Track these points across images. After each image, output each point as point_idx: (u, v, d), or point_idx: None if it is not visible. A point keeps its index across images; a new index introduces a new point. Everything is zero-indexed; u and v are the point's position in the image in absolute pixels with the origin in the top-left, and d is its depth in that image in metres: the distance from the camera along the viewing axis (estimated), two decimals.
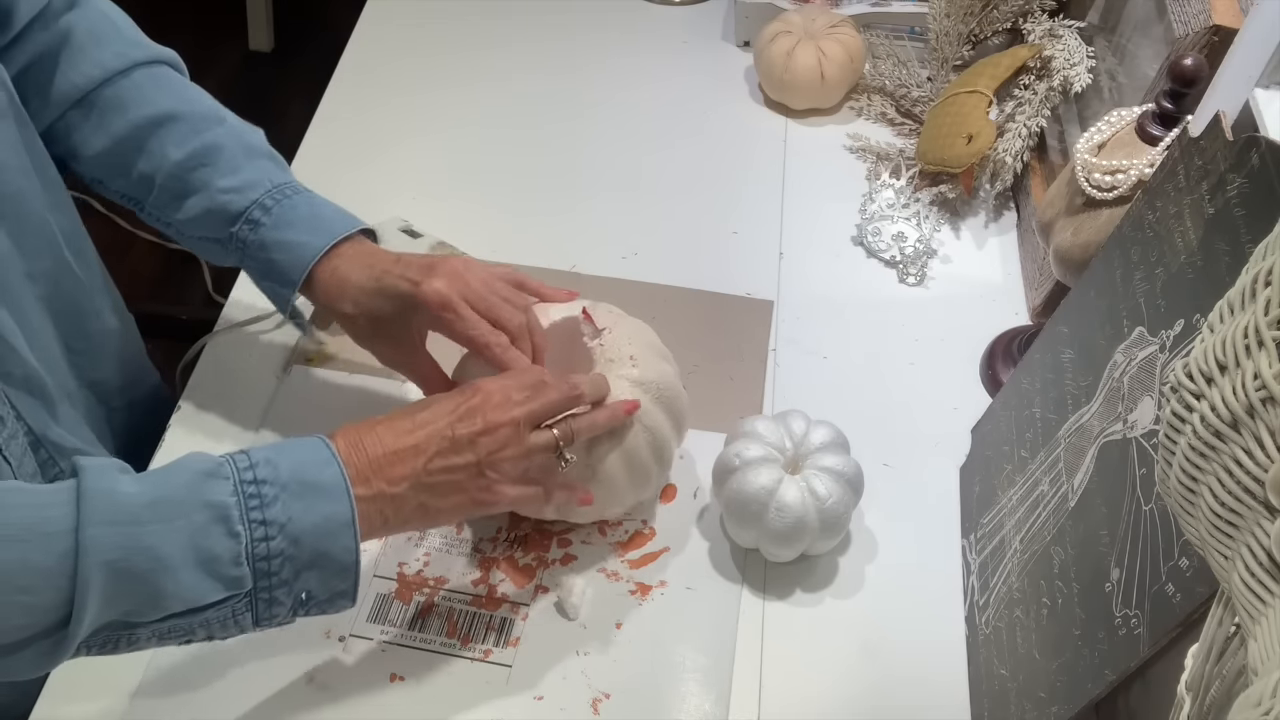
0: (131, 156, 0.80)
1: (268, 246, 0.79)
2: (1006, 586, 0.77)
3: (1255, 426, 0.41)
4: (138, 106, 0.80)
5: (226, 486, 0.61)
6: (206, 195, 0.79)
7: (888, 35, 1.24)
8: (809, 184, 1.13)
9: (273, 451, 0.64)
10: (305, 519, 0.62)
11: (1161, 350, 0.65)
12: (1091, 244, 0.80)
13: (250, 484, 0.61)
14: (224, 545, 0.60)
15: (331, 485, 0.64)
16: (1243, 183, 0.60)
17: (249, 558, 0.61)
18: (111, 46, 0.80)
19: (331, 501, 0.63)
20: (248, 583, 0.61)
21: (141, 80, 0.81)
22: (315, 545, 0.63)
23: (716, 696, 0.77)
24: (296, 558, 0.62)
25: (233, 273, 1.02)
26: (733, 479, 0.80)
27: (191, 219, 0.80)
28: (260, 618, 0.63)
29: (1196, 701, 0.47)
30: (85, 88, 0.79)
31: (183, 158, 0.79)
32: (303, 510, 0.62)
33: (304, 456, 0.64)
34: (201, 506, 0.60)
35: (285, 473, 0.63)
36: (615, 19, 1.31)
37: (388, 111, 1.18)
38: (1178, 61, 0.76)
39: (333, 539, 0.63)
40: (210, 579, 0.60)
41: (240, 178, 0.80)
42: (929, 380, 0.96)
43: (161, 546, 0.58)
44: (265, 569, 0.61)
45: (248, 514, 0.61)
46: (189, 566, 0.59)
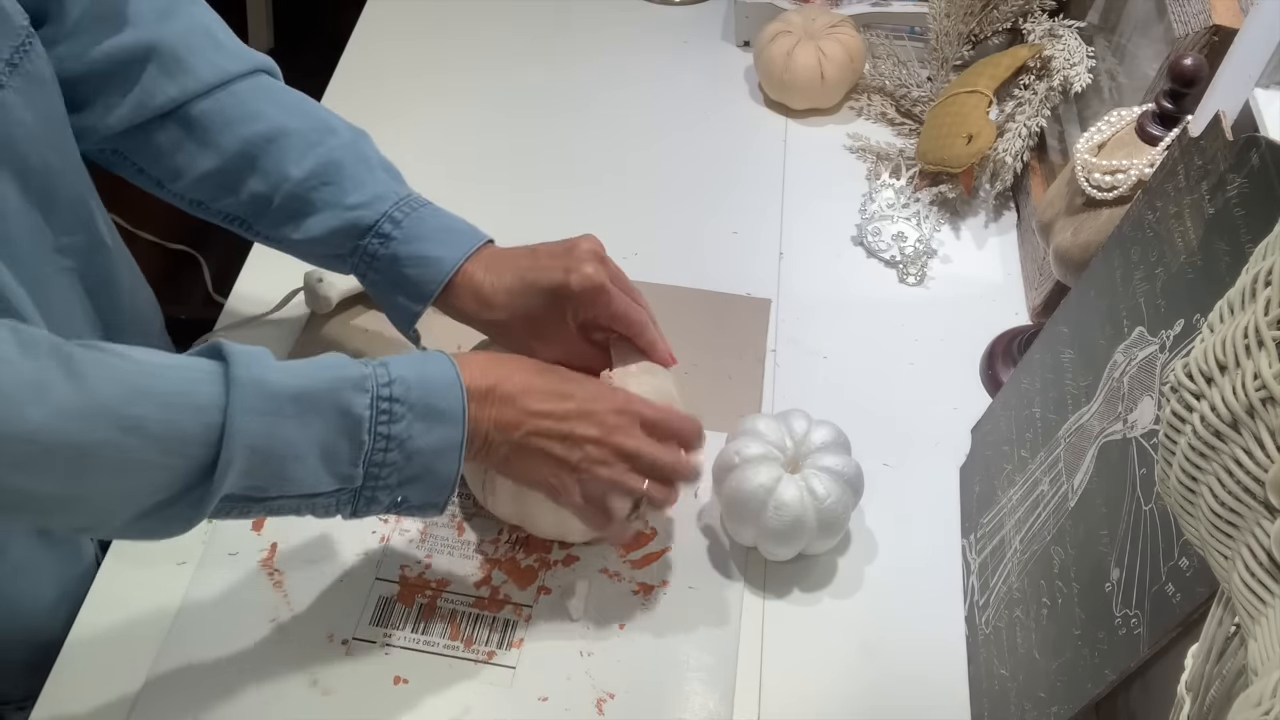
0: (243, 175, 0.78)
1: (400, 260, 0.79)
2: (1006, 586, 0.77)
3: (1255, 426, 0.42)
4: (245, 122, 0.78)
5: (365, 400, 0.65)
6: (333, 213, 0.78)
7: (888, 35, 1.24)
8: (809, 184, 1.13)
9: (408, 369, 0.67)
10: (423, 439, 0.67)
11: (1161, 350, 0.65)
12: (1091, 244, 0.81)
13: (385, 400, 0.65)
14: (348, 448, 0.65)
15: (452, 413, 0.68)
16: (1243, 183, 0.60)
17: (365, 462, 0.65)
18: (207, 58, 0.78)
19: (448, 427, 0.67)
20: (358, 481, 0.66)
21: (244, 93, 0.79)
22: (425, 463, 0.67)
23: (720, 695, 0.77)
24: (405, 470, 0.67)
25: (233, 273, 1.03)
26: (732, 476, 0.80)
27: (315, 238, 0.79)
28: (358, 510, 0.67)
29: (1196, 701, 0.47)
30: (181, 99, 0.77)
31: (303, 175, 0.78)
32: (423, 431, 0.67)
33: (435, 380, 0.68)
34: (340, 412, 0.64)
35: (416, 394, 0.66)
36: (615, 19, 1.31)
37: (387, 111, 1.18)
38: (1178, 61, 0.76)
39: (440, 460, 0.68)
40: (328, 473, 0.65)
41: (366, 193, 0.79)
42: (929, 380, 0.96)
43: (297, 440, 0.63)
44: (376, 474, 0.66)
45: (376, 426, 0.65)
46: (314, 459, 0.64)
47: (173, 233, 1.99)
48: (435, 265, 0.79)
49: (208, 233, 1.94)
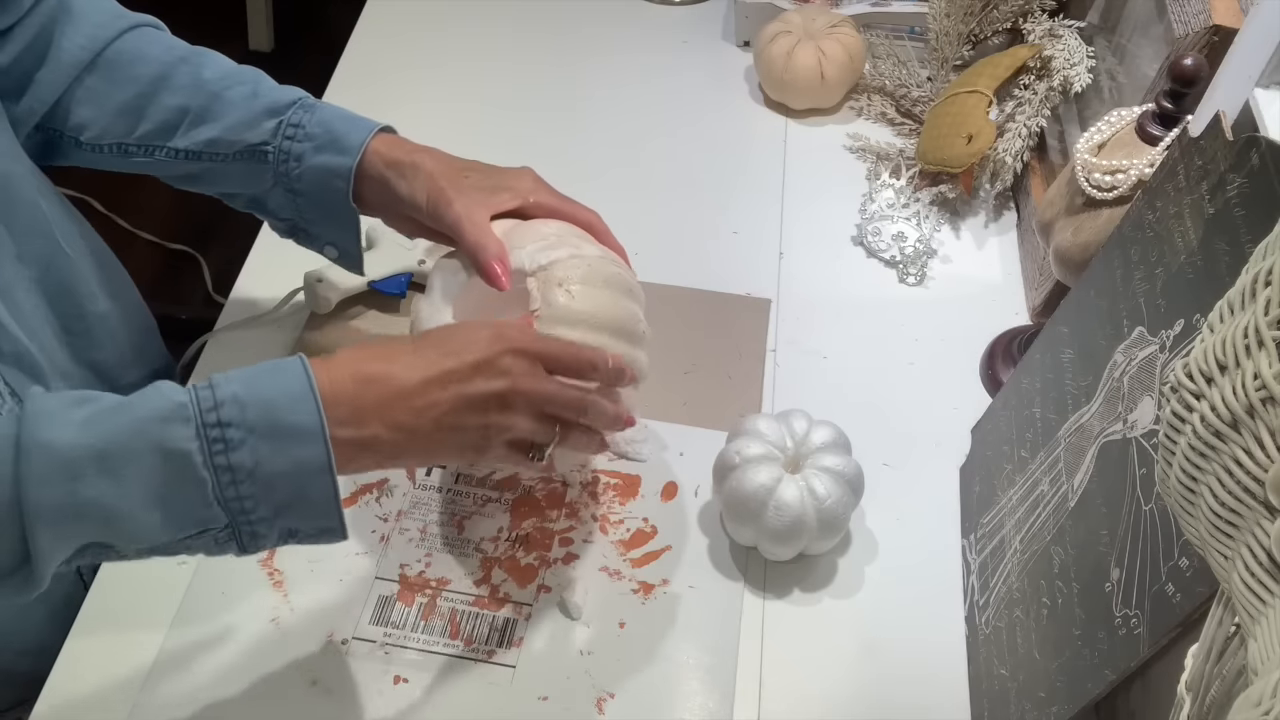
0: (158, 96, 0.79)
1: (327, 121, 0.78)
2: (1006, 586, 0.77)
3: (1255, 426, 0.42)
4: (159, 52, 0.80)
5: (187, 430, 0.58)
6: (251, 102, 0.79)
7: (888, 35, 1.24)
8: (809, 184, 1.13)
9: (242, 385, 0.59)
10: (275, 463, 0.59)
11: (1161, 350, 0.65)
12: (1091, 244, 0.81)
13: (215, 426, 0.58)
14: (188, 491, 0.58)
15: (304, 429, 0.59)
16: (1243, 183, 0.60)
17: (218, 499, 0.59)
18: (106, 9, 0.81)
19: (304, 446, 0.59)
20: (221, 520, 0.59)
21: (149, 34, 0.82)
22: (290, 488, 0.60)
23: (721, 695, 0.77)
24: (271, 498, 0.60)
25: (233, 273, 1.03)
26: (732, 476, 0.80)
27: (234, 124, 0.79)
28: (246, 547, 0.61)
29: (1196, 701, 0.47)
30: (95, 49, 0.79)
31: (219, 76, 0.80)
32: (271, 454, 0.59)
33: (277, 392, 0.60)
34: (156, 453, 0.57)
35: (253, 412, 0.59)
36: (615, 19, 1.31)
37: (387, 111, 1.17)
38: (1178, 61, 0.76)
39: (308, 482, 0.60)
40: (178, 519, 0.58)
41: (274, 88, 0.81)
42: (929, 380, 0.96)
43: (110, 500, 0.57)
44: (239, 508, 0.59)
45: (212, 459, 0.58)
46: (149, 510, 0.57)
47: (173, 233, 1.99)
48: (361, 121, 0.79)
49: (208, 233, 1.95)
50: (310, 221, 0.82)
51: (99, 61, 0.79)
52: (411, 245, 0.99)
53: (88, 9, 0.79)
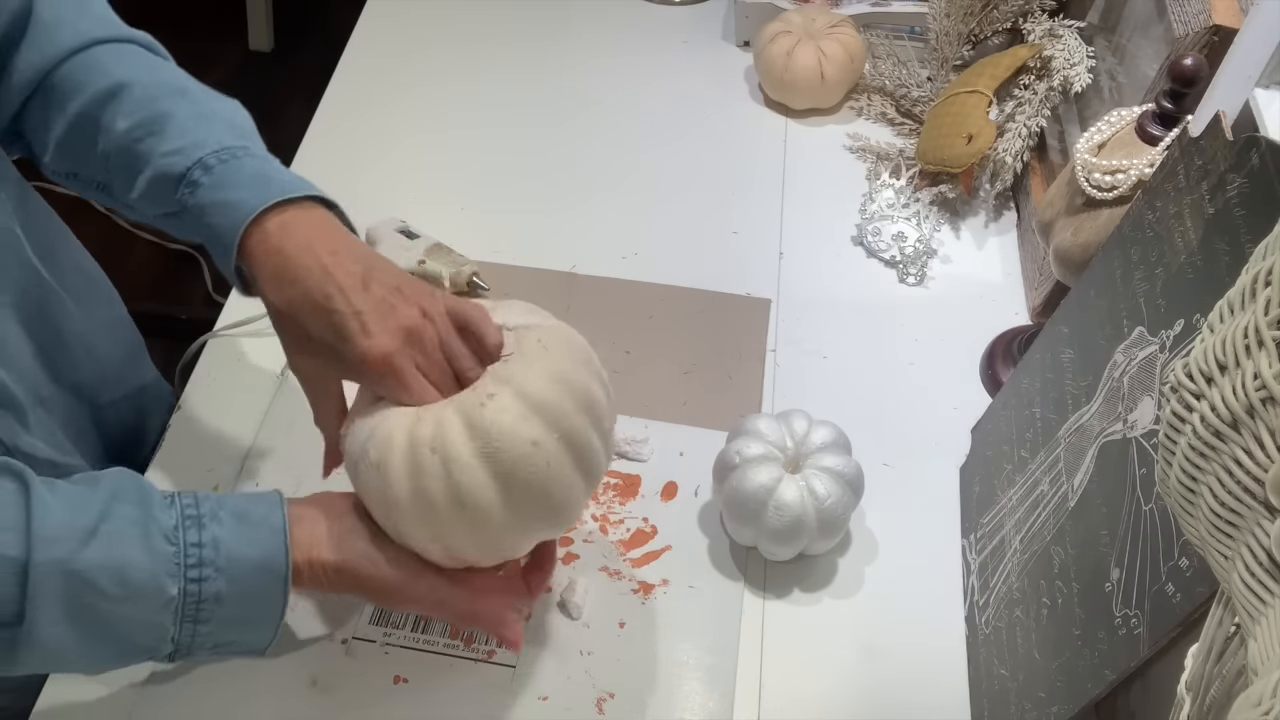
0: (92, 136, 0.72)
1: (205, 210, 0.68)
2: (1006, 586, 0.77)
3: (1255, 426, 0.42)
4: (94, 82, 0.72)
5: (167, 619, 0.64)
6: (151, 165, 0.70)
7: (888, 35, 1.24)
8: (809, 184, 1.13)
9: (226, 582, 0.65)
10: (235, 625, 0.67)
11: (1161, 350, 0.65)
12: (1091, 244, 0.81)
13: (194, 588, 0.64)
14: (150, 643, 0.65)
15: (270, 616, 0.68)
16: (1243, 183, 0.60)
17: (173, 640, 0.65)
18: (72, 25, 0.73)
19: (264, 628, 0.68)
20: (167, 650, 0.66)
21: (102, 56, 0.73)
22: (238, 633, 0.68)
23: (721, 695, 0.77)
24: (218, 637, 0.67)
25: None
26: (732, 476, 0.80)
27: (142, 195, 0.71)
28: (175, 659, 0.67)
29: (1196, 701, 0.47)
30: (43, 69, 0.72)
31: (128, 127, 0.70)
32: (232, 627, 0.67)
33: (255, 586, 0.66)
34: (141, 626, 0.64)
35: (227, 610, 0.65)
36: (615, 19, 1.31)
37: (387, 112, 1.19)
38: (1178, 61, 0.76)
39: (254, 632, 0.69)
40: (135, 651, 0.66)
41: (185, 140, 0.70)
42: (929, 380, 0.96)
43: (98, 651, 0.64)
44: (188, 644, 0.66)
45: (181, 624, 0.64)
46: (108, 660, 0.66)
47: None
48: (236, 211, 0.68)
49: None
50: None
51: (45, 84, 0.73)
52: (411, 245, 0.99)
53: (54, 25, 0.73)
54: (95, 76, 0.72)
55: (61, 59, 0.73)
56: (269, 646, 0.69)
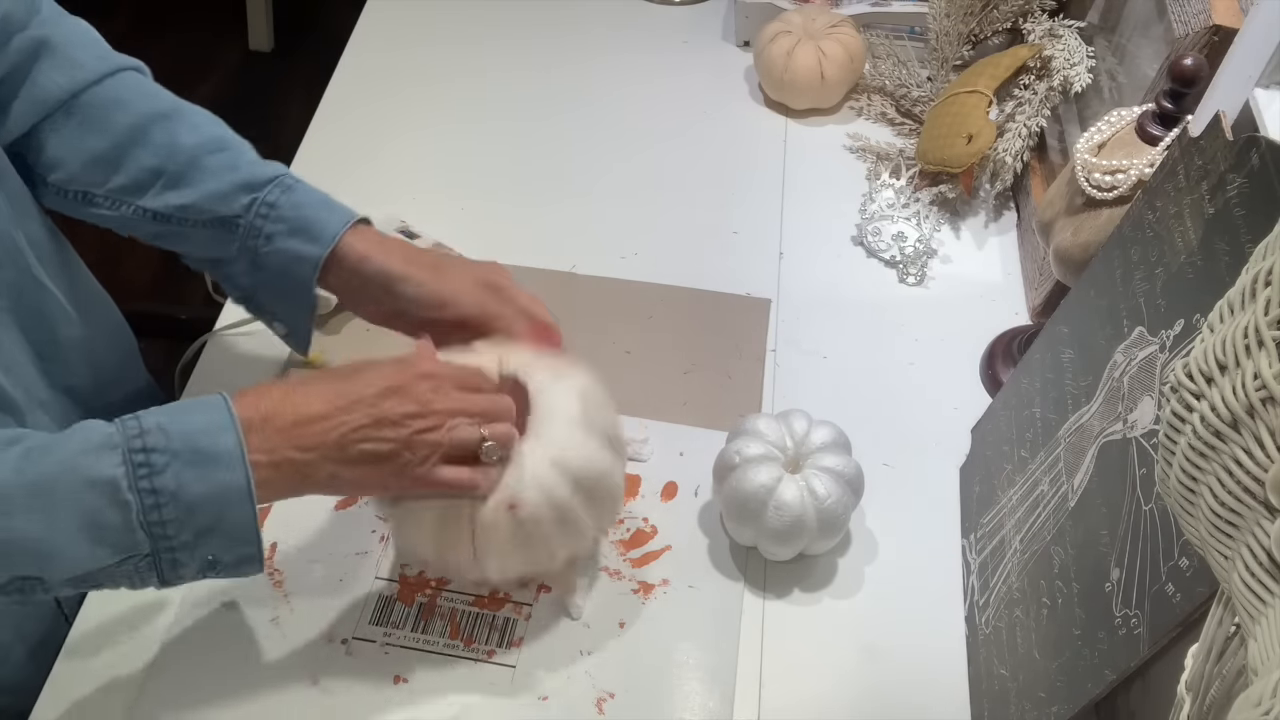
0: (133, 151, 0.78)
1: (302, 205, 0.78)
2: (1006, 586, 0.77)
3: (1255, 426, 0.42)
4: (138, 102, 0.79)
5: (114, 458, 0.61)
6: (227, 173, 0.78)
7: (888, 35, 1.24)
8: (809, 184, 1.13)
9: (166, 416, 0.63)
10: (197, 487, 0.62)
11: (1161, 350, 0.65)
12: (1091, 244, 0.81)
13: (139, 452, 0.61)
14: (112, 515, 0.60)
15: (226, 454, 0.62)
16: (1243, 183, 0.60)
17: (142, 524, 0.61)
18: (91, 51, 0.80)
19: (225, 470, 0.62)
20: (144, 546, 0.61)
21: (131, 81, 0.80)
22: (211, 512, 0.62)
23: (721, 695, 0.77)
24: (193, 523, 0.62)
25: None
26: (732, 476, 0.80)
27: (208, 195, 0.78)
28: (165, 577, 0.64)
29: (1196, 701, 0.47)
30: (72, 90, 0.77)
31: (197, 143, 0.79)
32: (195, 478, 0.62)
33: (199, 423, 0.63)
34: (85, 485, 0.60)
35: (177, 440, 0.62)
36: (615, 19, 1.31)
37: (387, 111, 1.19)
38: (1178, 61, 0.76)
39: (229, 507, 0.63)
40: (101, 546, 0.61)
41: (259, 159, 0.80)
42: (929, 380, 0.96)
43: (41, 532, 0.59)
44: (162, 533, 0.62)
45: (137, 482, 0.61)
46: (75, 541, 0.60)
47: None
48: (340, 210, 0.79)
49: None
50: (266, 297, 0.82)
51: (76, 104, 0.78)
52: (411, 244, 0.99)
53: (72, 48, 0.78)
54: (140, 97, 0.79)
55: (91, 82, 0.78)
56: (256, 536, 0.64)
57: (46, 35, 0.77)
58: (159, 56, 0.84)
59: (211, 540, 0.63)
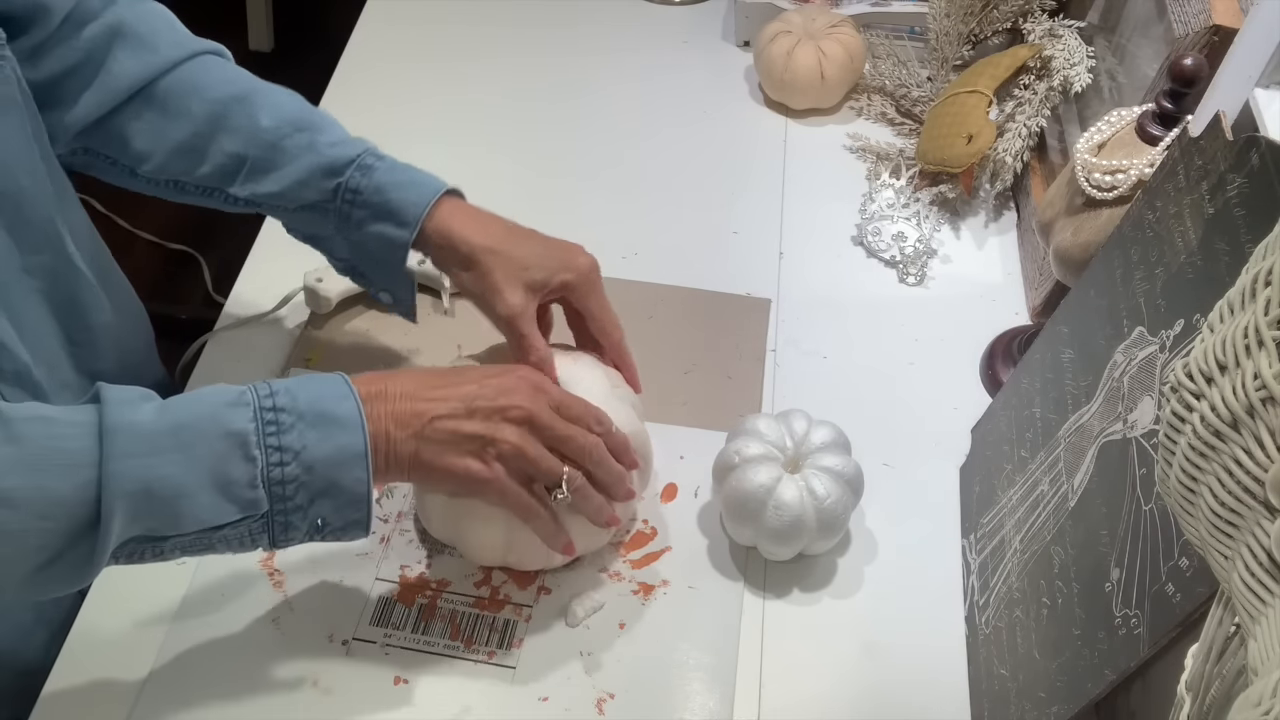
0: (215, 137, 0.78)
1: (384, 188, 0.78)
2: (1006, 586, 0.77)
3: (1255, 426, 0.42)
4: (213, 87, 0.79)
5: (246, 413, 0.63)
6: (310, 155, 0.78)
7: (888, 35, 1.24)
8: (809, 184, 1.13)
9: (294, 383, 0.66)
10: (320, 448, 0.64)
11: (1161, 350, 0.65)
12: (1091, 244, 0.81)
13: (269, 410, 0.63)
14: (241, 469, 0.62)
15: (347, 418, 0.65)
16: (1243, 183, 0.60)
17: (265, 481, 0.63)
18: (167, 37, 0.80)
19: (346, 433, 0.65)
20: (264, 505, 0.63)
21: (208, 64, 0.80)
22: (328, 474, 0.64)
23: (721, 695, 0.77)
24: (310, 484, 0.64)
25: (233, 273, 1.03)
26: (732, 476, 0.80)
27: (291, 184, 0.78)
28: (276, 539, 0.65)
29: (1196, 701, 0.47)
30: (147, 77, 0.77)
31: (275, 124, 0.78)
32: (318, 439, 0.64)
33: (323, 390, 0.66)
34: (221, 435, 0.62)
35: (303, 403, 0.64)
36: (615, 19, 1.31)
37: (387, 112, 1.18)
38: (1178, 61, 0.76)
39: (345, 469, 0.65)
40: (227, 501, 0.62)
41: (340, 134, 0.80)
42: (929, 380, 0.96)
43: (181, 475, 0.61)
44: (280, 493, 0.63)
45: (264, 439, 0.63)
46: (207, 490, 0.62)
47: (173, 233, 1.99)
48: (420, 189, 0.78)
49: (208, 233, 1.95)
50: (368, 270, 0.84)
51: (153, 91, 0.78)
52: None
53: (148, 34, 0.78)
54: (211, 83, 0.79)
55: (167, 69, 0.78)
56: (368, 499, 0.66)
57: (120, 21, 0.77)
58: None
59: (325, 502, 0.65)
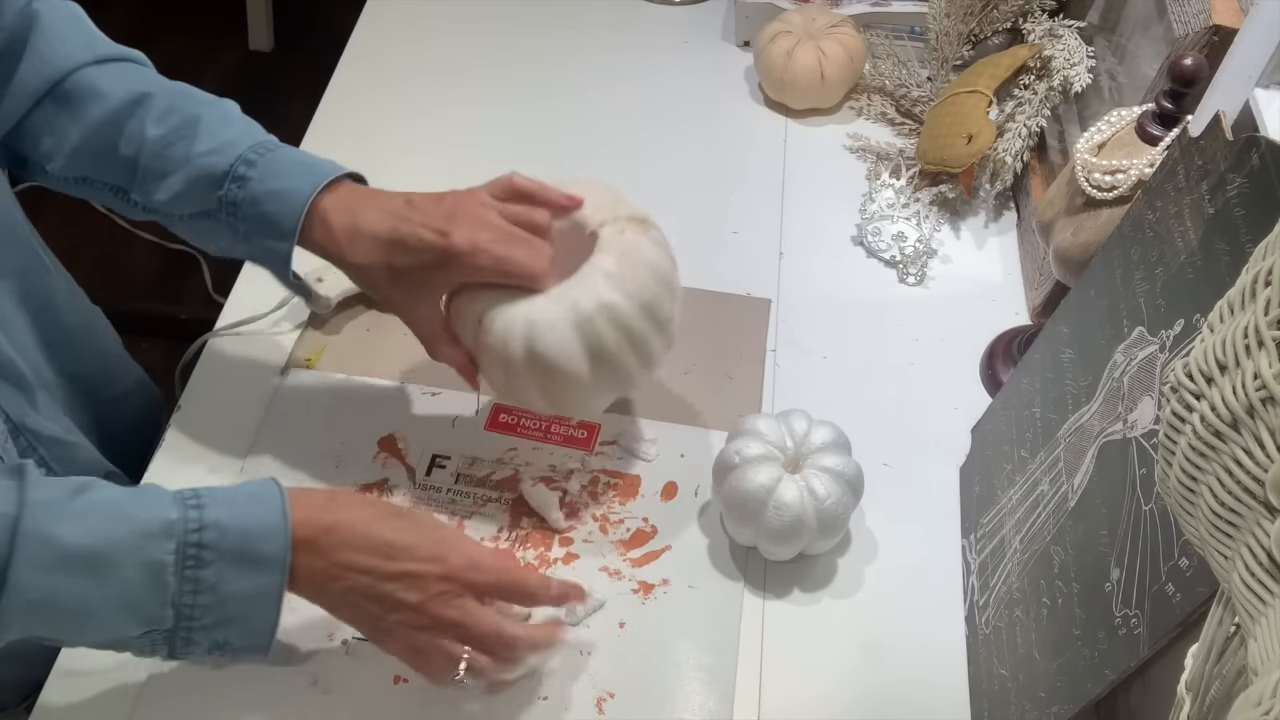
0: (113, 142, 0.76)
1: (258, 200, 0.75)
2: (1006, 586, 0.77)
3: (1255, 426, 0.42)
4: (114, 91, 0.77)
5: (169, 546, 0.63)
6: (189, 166, 0.75)
7: (888, 35, 1.24)
8: (809, 184, 1.13)
9: (226, 511, 0.65)
10: (237, 585, 0.64)
11: (1161, 350, 0.65)
12: (1091, 244, 0.81)
13: (194, 546, 0.63)
14: (152, 595, 0.63)
15: (270, 558, 0.65)
16: (1243, 183, 0.60)
17: (174, 604, 0.63)
18: (78, 39, 0.78)
19: (266, 574, 0.65)
20: (168, 623, 0.64)
21: (114, 70, 0.78)
22: (240, 608, 0.65)
23: (720, 695, 0.77)
24: (219, 611, 0.65)
25: (233, 273, 1.03)
26: (732, 476, 0.80)
27: (176, 195, 0.76)
28: (175, 651, 0.66)
29: (1196, 701, 0.47)
30: (54, 78, 0.76)
31: (161, 133, 0.76)
32: (236, 577, 0.64)
33: (255, 523, 0.65)
34: (139, 564, 0.62)
35: (231, 540, 0.64)
36: (615, 19, 1.31)
37: (387, 112, 1.18)
38: (1178, 61, 0.76)
39: (257, 606, 0.66)
40: (133, 619, 0.63)
41: (219, 140, 0.76)
42: (929, 380, 0.96)
43: (89, 596, 0.61)
44: (189, 614, 0.64)
45: (183, 570, 0.63)
46: (114, 610, 0.62)
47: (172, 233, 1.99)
48: (292, 197, 0.75)
49: None
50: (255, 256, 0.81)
51: (57, 93, 0.76)
52: None
53: (57, 37, 0.77)
54: (114, 86, 0.77)
55: (72, 69, 0.76)
56: (272, 631, 0.66)
57: (35, 19, 0.76)
58: (158, 56, 0.84)
59: (230, 628, 0.66)
